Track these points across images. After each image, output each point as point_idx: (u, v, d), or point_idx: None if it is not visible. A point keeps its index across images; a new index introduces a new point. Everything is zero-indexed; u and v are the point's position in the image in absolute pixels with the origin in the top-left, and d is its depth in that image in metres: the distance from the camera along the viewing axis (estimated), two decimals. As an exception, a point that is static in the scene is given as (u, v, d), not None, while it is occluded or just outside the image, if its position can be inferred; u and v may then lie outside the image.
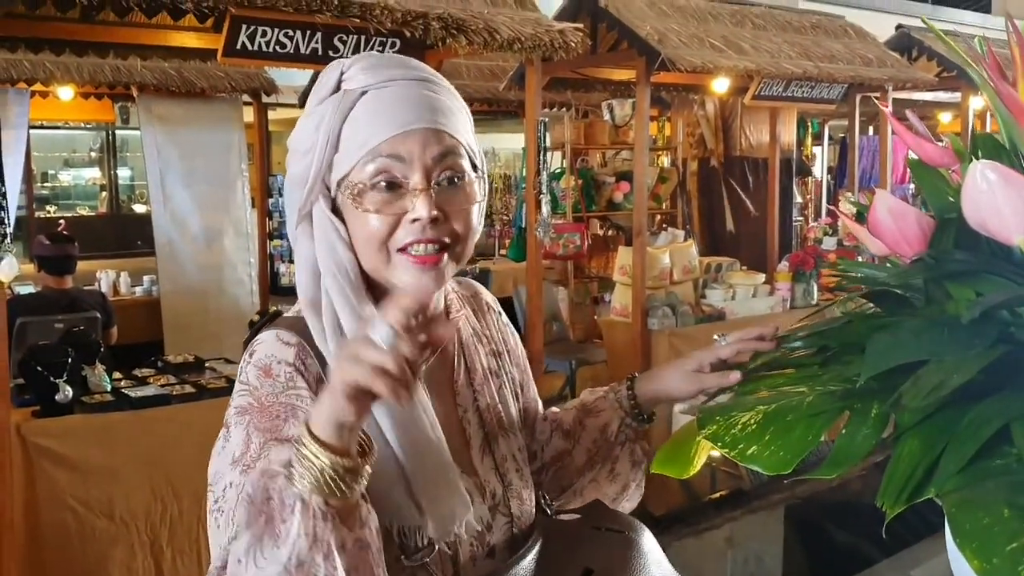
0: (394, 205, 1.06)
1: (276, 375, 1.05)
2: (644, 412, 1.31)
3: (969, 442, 0.86)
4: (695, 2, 5.41)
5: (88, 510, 3.20)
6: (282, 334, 1.09)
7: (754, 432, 0.97)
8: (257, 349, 1.08)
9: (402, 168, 1.05)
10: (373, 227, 1.06)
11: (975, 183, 0.93)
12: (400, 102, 1.06)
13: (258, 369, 1.06)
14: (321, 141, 1.07)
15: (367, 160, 1.05)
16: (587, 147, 7.00)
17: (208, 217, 6.31)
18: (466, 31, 3.50)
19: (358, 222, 1.07)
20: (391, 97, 1.07)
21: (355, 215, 1.07)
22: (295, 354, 1.07)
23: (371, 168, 1.05)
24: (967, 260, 1.06)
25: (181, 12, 3.08)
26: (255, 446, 0.99)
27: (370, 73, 1.08)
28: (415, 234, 1.05)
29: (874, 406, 0.96)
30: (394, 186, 1.06)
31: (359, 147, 1.06)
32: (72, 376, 3.26)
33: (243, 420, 1.02)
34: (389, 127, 1.05)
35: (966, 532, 0.78)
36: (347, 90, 1.08)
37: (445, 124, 1.08)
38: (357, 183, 1.06)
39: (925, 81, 6.08)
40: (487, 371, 1.25)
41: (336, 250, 1.08)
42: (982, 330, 0.95)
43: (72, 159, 12.46)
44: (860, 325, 1.11)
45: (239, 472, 0.97)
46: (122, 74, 5.54)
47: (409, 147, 1.05)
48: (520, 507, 1.21)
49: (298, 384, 1.05)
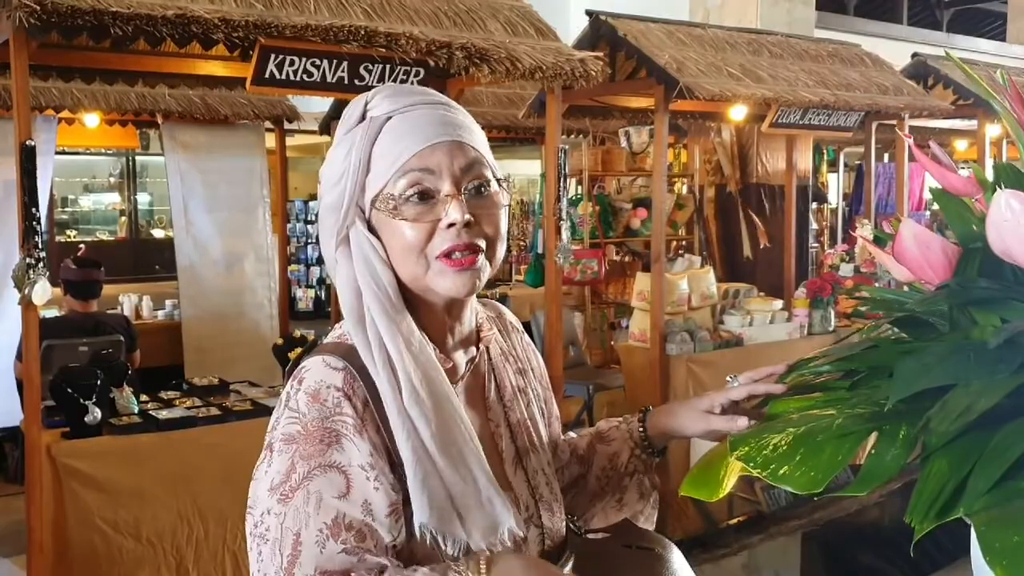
0: (428, 214, 1.11)
1: (324, 400, 1.07)
2: (654, 446, 1.34)
3: (996, 463, 0.89)
4: (713, 31, 5.47)
5: (115, 531, 3.23)
6: (328, 359, 1.11)
7: (785, 453, 0.99)
8: (307, 376, 1.10)
9: (432, 179, 1.11)
10: (410, 236, 1.11)
11: (999, 211, 0.96)
12: (424, 120, 1.13)
13: (308, 395, 1.08)
14: (353, 166, 1.13)
15: (399, 175, 1.11)
16: (604, 174, 7.04)
17: (229, 242, 6.37)
18: (489, 60, 3.56)
19: (395, 235, 1.12)
20: (415, 118, 1.13)
21: (391, 229, 1.12)
22: (343, 379, 1.09)
23: (403, 182, 1.11)
24: (992, 287, 1.08)
25: (212, 42, 3.15)
26: (297, 476, 1.02)
27: (393, 100, 1.15)
28: (451, 239, 1.10)
29: (902, 428, 0.98)
30: (427, 196, 1.11)
31: (390, 164, 1.11)
32: (101, 398, 3.31)
33: (289, 448, 1.04)
34: (417, 142, 1.11)
35: (996, 550, 0.80)
36: (373, 117, 1.14)
37: (467, 138, 1.15)
38: (391, 197, 1.11)
39: (941, 109, 6.11)
40: (516, 388, 1.28)
41: (374, 267, 1.12)
42: (1007, 356, 0.97)
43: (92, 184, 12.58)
44: (886, 350, 1.14)
45: (276, 500, 1.01)
46: (148, 101, 5.62)
47: (437, 159, 1.11)
48: (551, 519, 1.23)
49: (344, 411, 1.07)
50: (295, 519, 1.00)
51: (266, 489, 1.03)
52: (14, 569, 3.90)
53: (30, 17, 2.66)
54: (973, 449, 0.93)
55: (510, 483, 1.21)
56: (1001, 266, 1.04)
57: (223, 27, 2.94)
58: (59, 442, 3.20)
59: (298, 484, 1.01)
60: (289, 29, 3.13)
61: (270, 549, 1.00)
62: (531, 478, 1.23)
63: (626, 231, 6.94)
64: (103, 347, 4.26)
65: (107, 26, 2.78)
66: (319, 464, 1.02)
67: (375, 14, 3.44)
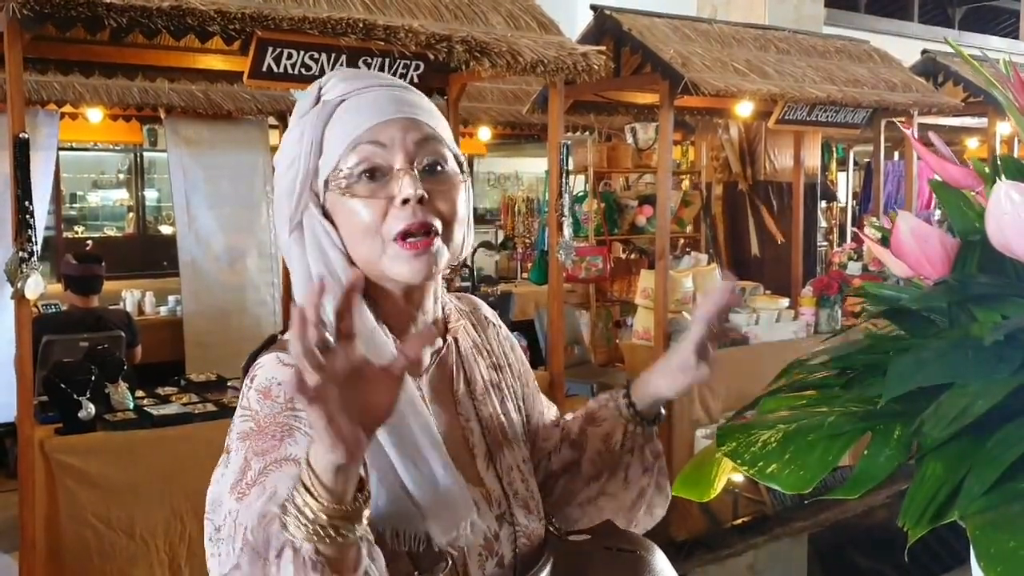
0: (381, 191, 1.08)
1: (275, 396, 1.04)
2: (647, 417, 1.29)
3: (993, 465, 0.85)
4: (719, 27, 5.42)
5: (109, 527, 3.21)
6: (282, 355, 1.08)
7: (774, 450, 0.96)
8: (258, 373, 1.07)
9: (384, 154, 1.08)
10: (364, 215, 1.08)
11: (999, 204, 0.92)
12: (377, 99, 1.11)
13: (258, 392, 1.05)
14: (305, 149, 1.10)
15: (349, 150, 1.08)
16: (610, 170, 7.00)
17: (232, 238, 6.36)
18: (489, 54, 3.52)
19: (349, 215, 1.09)
20: (368, 98, 1.11)
21: (345, 210, 1.09)
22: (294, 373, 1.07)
23: (354, 158, 1.08)
24: (992, 283, 1.05)
25: (208, 35, 3.12)
26: (253, 472, 0.98)
27: (348, 83, 1.12)
28: (406, 218, 1.07)
29: (897, 428, 0.95)
30: (378, 172, 1.08)
31: (341, 142, 1.09)
32: (95, 394, 3.29)
33: (243, 445, 1.01)
34: (369, 119, 1.08)
35: (991, 555, 0.77)
36: (326, 100, 1.11)
37: (423, 117, 1.12)
38: (343, 175, 1.08)
39: (951, 106, 6.05)
40: (488, 383, 1.25)
41: (327, 253, 1.10)
42: (1007, 353, 0.93)
43: (100, 180, 12.59)
44: (882, 347, 1.10)
45: (235, 499, 0.97)
46: (150, 96, 5.61)
47: (390, 133, 1.08)
48: (527, 517, 1.19)
49: (298, 404, 1.03)
50: (247, 516, 0.95)
51: (227, 489, 0.99)
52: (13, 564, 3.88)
53: (23, 8, 2.63)
54: (969, 451, 0.89)
55: (482, 479, 1.17)
56: (1002, 261, 1.00)
57: (219, 19, 2.91)
58: (52, 438, 3.17)
59: (254, 480, 0.97)
60: (287, 22, 3.10)
61: (225, 548, 0.96)
62: (504, 474, 1.19)
63: (632, 228, 6.90)
64: (100, 342, 4.24)
65: (101, 18, 2.75)
66: (274, 459, 0.98)
67: (374, 7, 3.40)
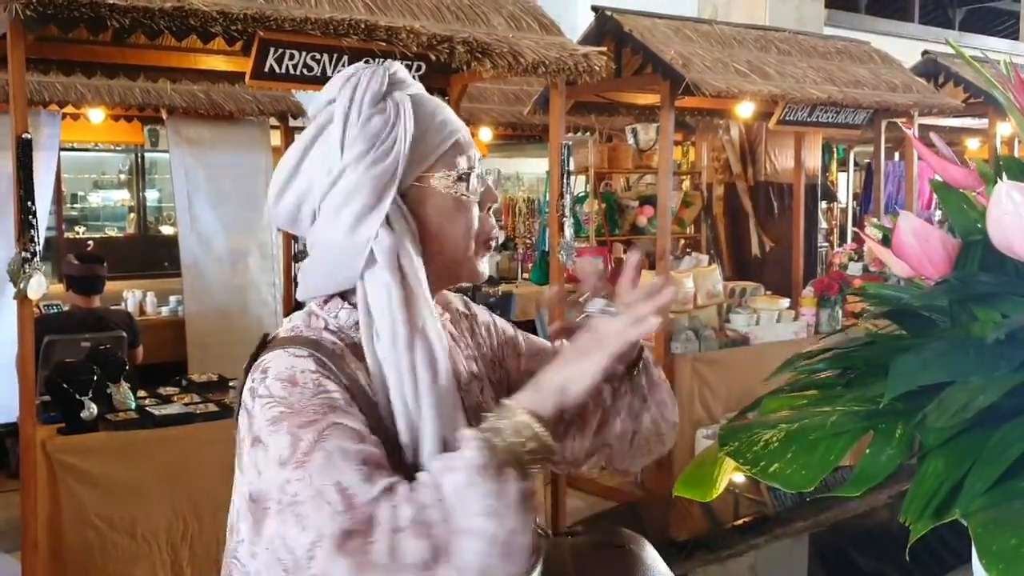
0: (480, 194, 1.16)
1: (303, 383, 1.02)
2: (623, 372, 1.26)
3: (995, 463, 0.85)
4: (720, 28, 5.42)
5: (110, 527, 3.21)
6: (291, 349, 1.07)
7: (776, 450, 0.96)
8: (272, 365, 1.05)
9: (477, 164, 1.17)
10: (471, 215, 1.15)
11: (1000, 204, 0.92)
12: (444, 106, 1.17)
13: (281, 381, 1.03)
14: (405, 135, 1.10)
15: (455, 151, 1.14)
16: (611, 171, 7.01)
17: (234, 238, 6.36)
18: (491, 55, 3.52)
19: (449, 213, 1.13)
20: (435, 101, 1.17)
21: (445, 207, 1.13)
22: (315, 363, 1.05)
23: (463, 159, 1.14)
24: (993, 282, 1.05)
25: (210, 35, 3.13)
26: (306, 442, 0.96)
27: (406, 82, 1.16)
28: (493, 224, 1.18)
29: (898, 427, 0.95)
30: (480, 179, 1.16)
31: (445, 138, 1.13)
32: (97, 394, 3.29)
33: (281, 427, 0.98)
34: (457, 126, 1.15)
35: (992, 553, 0.77)
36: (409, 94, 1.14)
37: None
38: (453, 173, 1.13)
39: (951, 107, 6.04)
40: (471, 374, 1.26)
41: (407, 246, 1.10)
42: (1008, 352, 0.94)
43: (101, 181, 12.59)
44: (884, 346, 1.10)
45: (293, 469, 0.95)
46: (152, 97, 5.61)
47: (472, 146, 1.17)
48: None
49: (328, 387, 1.03)
50: (326, 474, 0.93)
51: (276, 468, 0.96)
52: (15, 564, 3.89)
53: (26, 9, 2.64)
54: (971, 448, 0.89)
55: None
56: (1002, 260, 1.01)
57: (221, 20, 2.91)
58: (54, 438, 3.18)
59: (310, 448, 0.95)
60: (288, 22, 3.10)
61: (311, 506, 0.92)
62: None
63: (632, 229, 6.91)
64: (102, 342, 4.24)
65: (104, 19, 2.76)
66: (324, 427, 0.97)
67: (376, 8, 3.41)
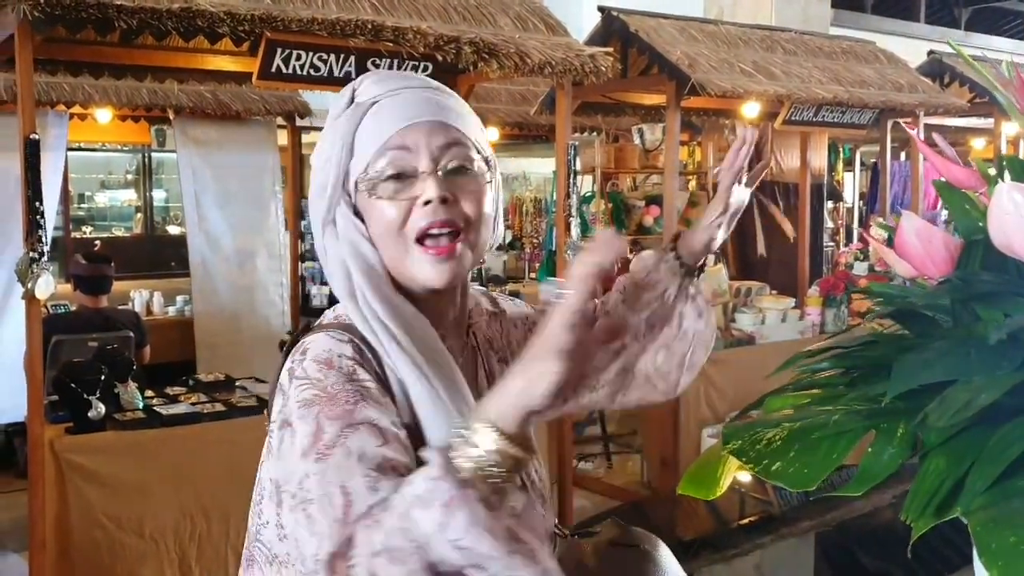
0: (405, 192, 1.10)
1: (339, 367, 1.04)
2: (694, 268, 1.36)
3: (996, 462, 0.86)
4: (726, 28, 5.42)
5: (118, 527, 3.22)
6: (332, 333, 1.09)
7: (779, 449, 0.97)
8: (311, 347, 1.07)
9: (410, 157, 1.10)
10: (388, 215, 1.10)
11: (1001, 205, 0.92)
12: (407, 102, 1.13)
13: (318, 363, 1.04)
14: (337, 150, 1.13)
15: (378, 155, 1.11)
16: (617, 171, 7.00)
17: (241, 238, 6.38)
18: (497, 55, 3.53)
19: (375, 216, 1.11)
20: (399, 100, 1.13)
21: (372, 211, 1.12)
22: (353, 349, 1.07)
23: (382, 161, 1.10)
24: (995, 281, 1.05)
25: (217, 36, 3.14)
26: (329, 435, 0.96)
27: (380, 85, 1.15)
28: (427, 217, 1.09)
29: (900, 426, 0.96)
30: (404, 176, 1.10)
31: (371, 144, 1.11)
32: (105, 393, 3.31)
33: (311, 412, 0.99)
34: (396, 122, 1.11)
35: (992, 551, 0.78)
36: (359, 102, 1.14)
37: (450, 119, 1.13)
38: (370, 177, 1.11)
39: (957, 107, 6.04)
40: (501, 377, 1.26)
41: (360, 246, 1.12)
42: (1010, 351, 0.94)
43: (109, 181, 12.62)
44: (887, 346, 1.11)
45: (313, 461, 0.95)
46: (159, 97, 5.63)
47: (415, 137, 1.10)
48: (542, 507, 1.21)
49: (361, 376, 1.04)
50: (338, 473, 0.94)
51: (298, 457, 0.97)
52: (23, 564, 3.90)
53: (34, 10, 2.65)
54: (972, 447, 0.90)
55: None
56: (1004, 260, 1.01)
57: (228, 21, 2.93)
58: (62, 437, 3.19)
59: (332, 442, 0.96)
60: (295, 23, 3.11)
61: (318, 507, 0.93)
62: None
63: (639, 229, 6.90)
64: (110, 342, 4.26)
65: (112, 20, 2.77)
66: (350, 423, 0.97)
67: (383, 8, 3.42)
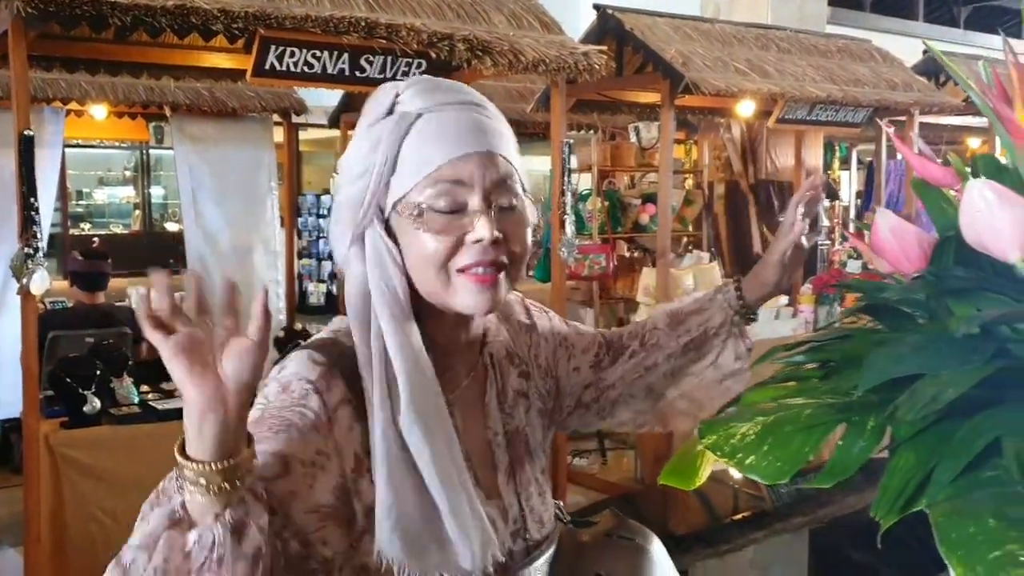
0: (455, 226, 1.06)
1: (293, 391, 1.04)
2: (752, 311, 1.37)
3: (961, 455, 0.87)
4: (720, 26, 5.44)
5: (114, 521, 3.24)
6: (313, 354, 1.08)
7: (752, 442, 0.98)
8: (287, 366, 1.08)
9: (463, 192, 1.06)
10: (434, 248, 1.06)
11: (972, 202, 0.94)
12: (458, 125, 1.08)
13: (279, 384, 1.06)
14: (379, 162, 1.08)
15: (428, 182, 1.06)
16: (614, 169, 7.02)
17: (238, 235, 6.38)
18: (491, 53, 3.55)
19: (416, 243, 1.07)
20: (448, 120, 1.08)
21: (413, 237, 1.08)
22: (320, 374, 1.06)
23: (431, 190, 1.06)
24: (968, 277, 1.07)
25: (212, 33, 3.15)
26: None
27: (426, 96, 1.10)
28: (476, 255, 1.06)
29: (871, 419, 0.97)
30: (455, 208, 1.06)
31: (419, 169, 1.07)
32: (100, 388, 3.33)
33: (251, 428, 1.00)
34: (449, 150, 1.07)
35: (952, 541, 0.79)
36: (403, 112, 1.09)
37: (500, 148, 1.10)
38: (418, 204, 1.07)
39: (952, 105, 6.05)
40: (517, 393, 1.25)
41: (388, 271, 1.08)
42: (980, 345, 0.96)
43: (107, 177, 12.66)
44: (861, 340, 1.13)
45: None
46: (155, 94, 5.64)
47: (469, 170, 1.07)
48: (540, 531, 1.21)
49: (310, 403, 1.04)
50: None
51: None
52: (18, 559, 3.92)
53: (27, 7, 2.67)
54: (939, 442, 0.91)
55: (500, 494, 1.18)
56: (977, 256, 1.03)
57: (222, 18, 2.95)
58: (57, 432, 3.21)
59: None
60: (289, 20, 3.13)
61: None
62: (523, 489, 1.21)
63: (635, 227, 6.92)
64: (106, 338, 4.28)
65: (106, 16, 2.79)
66: (261, 451, 0.98)
67: (376, 5, 3.43)
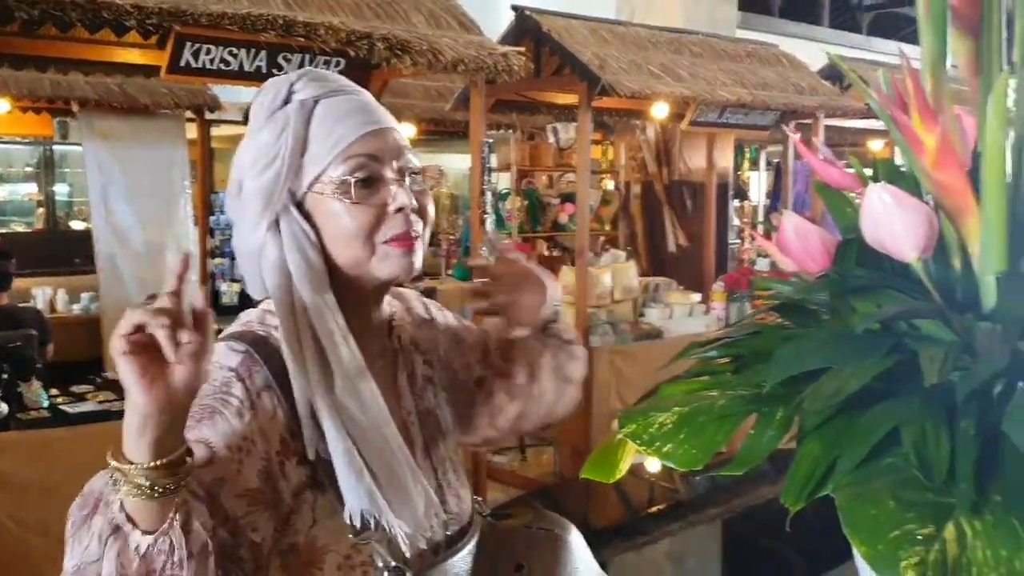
0: (373, 198, 1.12)
1: (214, 379, 1.06)
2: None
3: (863, 443, 0.93)
4: (635, 30, 5.54)
5: (23, 528, 3.15)
6: (231, 343, 1.11)
7: (669, 432, 1.03)
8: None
9: (376, 165, 1.13)
10: (356, 221, 1.12)
11: (872, 205, 1.00)
12: (357, 107, 1.15)
13: None
14: (288, 147, 1.12)
15: (341, 158, 1.12)
16: (533, 168, 7.09)
17: (150, 232, 6.25)
18: (410, 52, 3.56)
19: (338, 220, 1.12)
20: (346, 103, 1.15)
21: (331, 214, 1.12)
22: (240, 360, 1.09)
23: (346, 167, 1.12)
24: (869, 276, 1.13)
25: (125, 28, 3.09)
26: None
27: (318, 85, 1.16)
28: (401, 225, 1.13)
29: (779, 410, 1.03)
30: (371, 181, 1.12)
31: (332, 147, 1.12)
32: (7, 393, 3.24)
33: None
34: (357, 127, 1.13)
35: (854, 523, 0.85)
36: (302, 100, 1.14)
37: (395, 125, 1.19)
38: (334, 180, 1.12)
39: (855, 109, 6.27)
40: (425, 378, 1.30)
41: (307, 252, 1.12)
42: (880, 341, 1.02)
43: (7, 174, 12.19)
44: (770, 336, 1.18)
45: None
46: (62, 88, 5.49)
47: (379, 145, 1.14)
48: (458, 504, 1.25)
49: (232, 390, 1.06)
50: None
51: None
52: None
53: (-71, -1, 2.58)
54: (843, 432, 0.97)
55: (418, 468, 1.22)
56: (878, 256, 1.09)
57: (136, 14, 2.89)
58: (-37, 437, 3.12)
59: None
60: (205, 17, 3.09)
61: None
62: (438, 466, 1.26)
63: (554, 226, 7.01)
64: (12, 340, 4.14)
65: (11, 9, 2.71)
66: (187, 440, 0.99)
67: (295, 4, 3.41)
